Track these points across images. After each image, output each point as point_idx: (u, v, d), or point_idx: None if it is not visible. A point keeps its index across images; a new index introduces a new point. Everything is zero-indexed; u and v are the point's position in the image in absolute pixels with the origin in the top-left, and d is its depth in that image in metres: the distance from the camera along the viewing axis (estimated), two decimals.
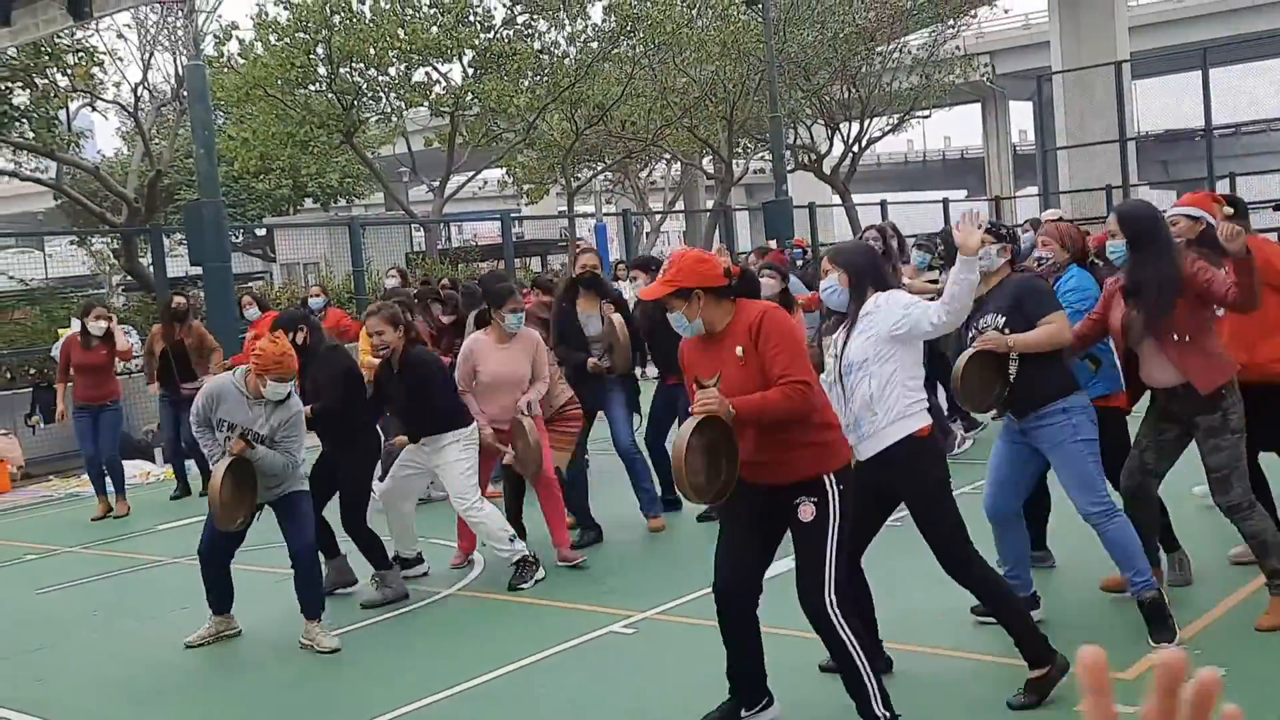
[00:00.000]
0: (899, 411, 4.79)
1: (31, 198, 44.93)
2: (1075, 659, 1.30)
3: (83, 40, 20.31)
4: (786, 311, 5.05)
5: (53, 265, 28.22)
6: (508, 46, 26.30)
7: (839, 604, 4.44)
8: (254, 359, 6.29)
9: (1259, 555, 5.49)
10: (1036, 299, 5.33)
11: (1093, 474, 5.33)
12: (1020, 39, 56.12)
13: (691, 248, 5.19)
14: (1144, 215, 5.50)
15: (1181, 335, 5.29)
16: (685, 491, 4.43)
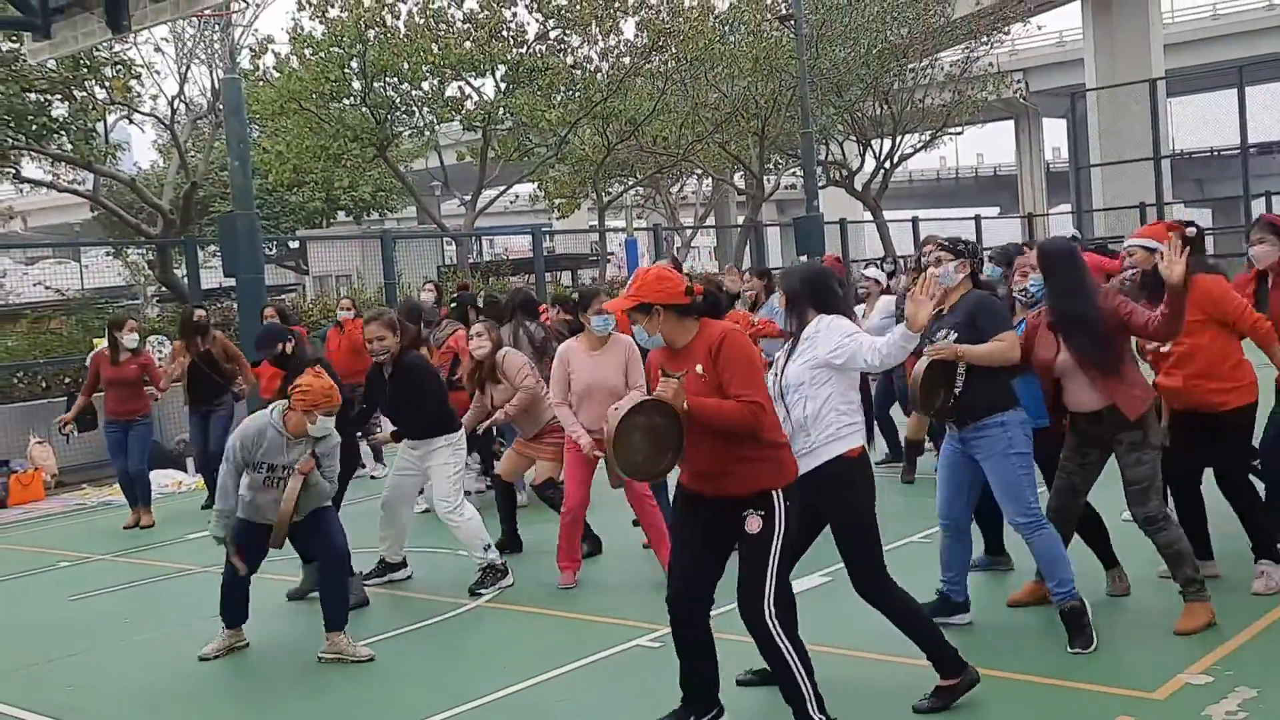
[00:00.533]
0: (831, 434, 5.06)
1: (69, 209, 45.40)
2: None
3: (121, 53, 20.53)
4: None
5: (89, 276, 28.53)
6: (540, 61, 26.40)
7: (777, 614, 4.60)
8: (300, 396, 6.29)
9: (1173, 565, 5.82)
10: (989, 317, 5.63)
11: (1023, 486, 5.61)
12: (1054, 56, 55.95)
13: (654, 265, 5.34)
14: (1060, 252, 5.84)
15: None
16: (613, 463, 4.57)
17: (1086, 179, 33.57)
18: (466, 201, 28.50)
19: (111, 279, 32.22)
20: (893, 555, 5.32)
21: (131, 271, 33.63)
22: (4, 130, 18.72)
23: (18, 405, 14.45)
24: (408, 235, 28.48)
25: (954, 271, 5.71)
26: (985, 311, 5.65)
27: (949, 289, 5.72)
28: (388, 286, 18.28)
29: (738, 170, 34.45)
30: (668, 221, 38.56)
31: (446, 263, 27.83)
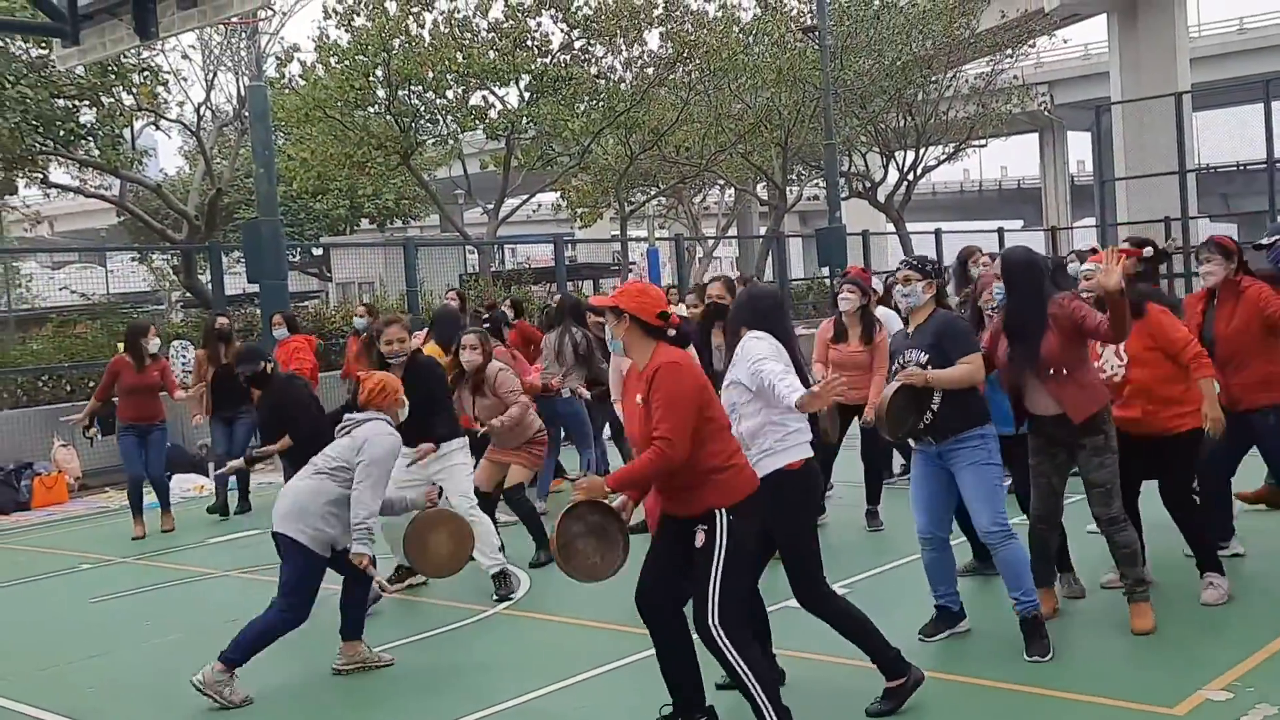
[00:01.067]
0: (768, 448, 5.20)
1: (95, 214, 45.77)
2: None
3: (148, 60, 20.67)
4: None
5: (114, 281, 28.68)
6: (564, 71, 26.46)
7: (724, 628, 4.71)
8: (383, 393, 6.43)
9: (1125, 565, 6.05)
10: (955, 340, 5.75)
11: (998, 496, 5.77)
12: (1079, 69, 55.76)
13: (639, 280, 5.55)
14: (1020, 261, 5.97)
15: (1058, 369, 5.82)
16: (576, 575, 4.91)
17: (1111, 193, 33.39)
18: (489, 210, 28.58)
19: (136, 284, 32.42)
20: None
21: (156, 277, 33.83)
22: (32, 136, 18.86)
23: (43, 408, 14.55)
24: (430, 243, 28.56)
25: (921, 292, 5.83)
26: (951, 333, 5.77)
27: (915, 309, 5.89)
28: (410, 294, 18.36)
29: (760, 181, 34.47)
30: (690, 232, 38.58)
31: (468, 271, 27.89)
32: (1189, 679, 5.25)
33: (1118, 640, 6.04)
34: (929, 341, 5.76)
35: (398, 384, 6.54)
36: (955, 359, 5.69)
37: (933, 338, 5.76)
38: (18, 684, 6.61)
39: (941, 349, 5.71)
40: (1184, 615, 6.32)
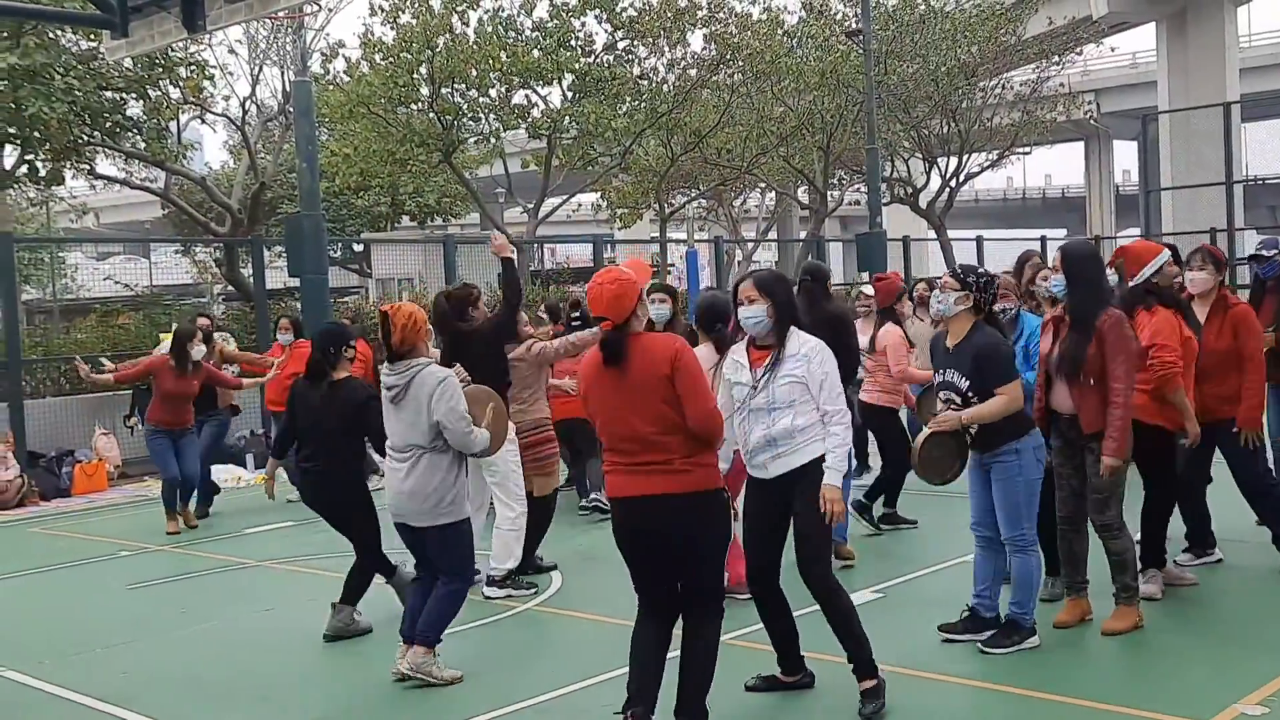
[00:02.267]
0: (815, 436, 5.20)
1: (140, 207, 46.19)
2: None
3: (195, 54, 20.86)
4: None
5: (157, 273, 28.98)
6: (607, 71, 26.49)
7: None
8: (414, 325, 5.97)
9: (1117, 570, 6.18)
10: (994, 367, 5.77)
11: (1023, 511, 5.88)
12: (1127, 78, 55.25)
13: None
14: (1080, 253, 6.17)
15: (1086, 376, 5.95)
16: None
17: (1156, 203, 33.08)
18: (529, 209, 28.66)
19: (179, 276, 32.74)
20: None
21: (199, 269, 34.15)
22: (80, 127, 19.07)
23: (84, 397, 14.71)
24: (470, 241, 28.58)
25: (953, 302, 5.86)
26: (989, 360, 5.77)
27: (947, 318, 5.95)
28: None
29: (801, 184, 34.35)
30: (729, 234, 38.50)
31: None
32: (1224, 691, 5.19)
33: (1153, 651, 5.99)
34: (969, 366, 5.80)
35: (423, 314, 6.09)
36: (993, 387, 5.75)
37: (972, 364, 5.79)
38: (53, 668, 6.68)
39: (981, 376, 5.78)
40: (1220, 627, 6.27)
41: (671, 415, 4.70)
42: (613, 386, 4.77)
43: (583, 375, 4.96)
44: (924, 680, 5.59)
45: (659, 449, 4.71)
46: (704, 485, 4.77)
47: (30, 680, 6.48)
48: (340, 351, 6.85)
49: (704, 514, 4.78)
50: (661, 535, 4.79)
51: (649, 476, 4.73)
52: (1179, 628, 6.31)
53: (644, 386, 4.71)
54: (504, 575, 7.60)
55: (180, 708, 5.97)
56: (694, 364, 4.75)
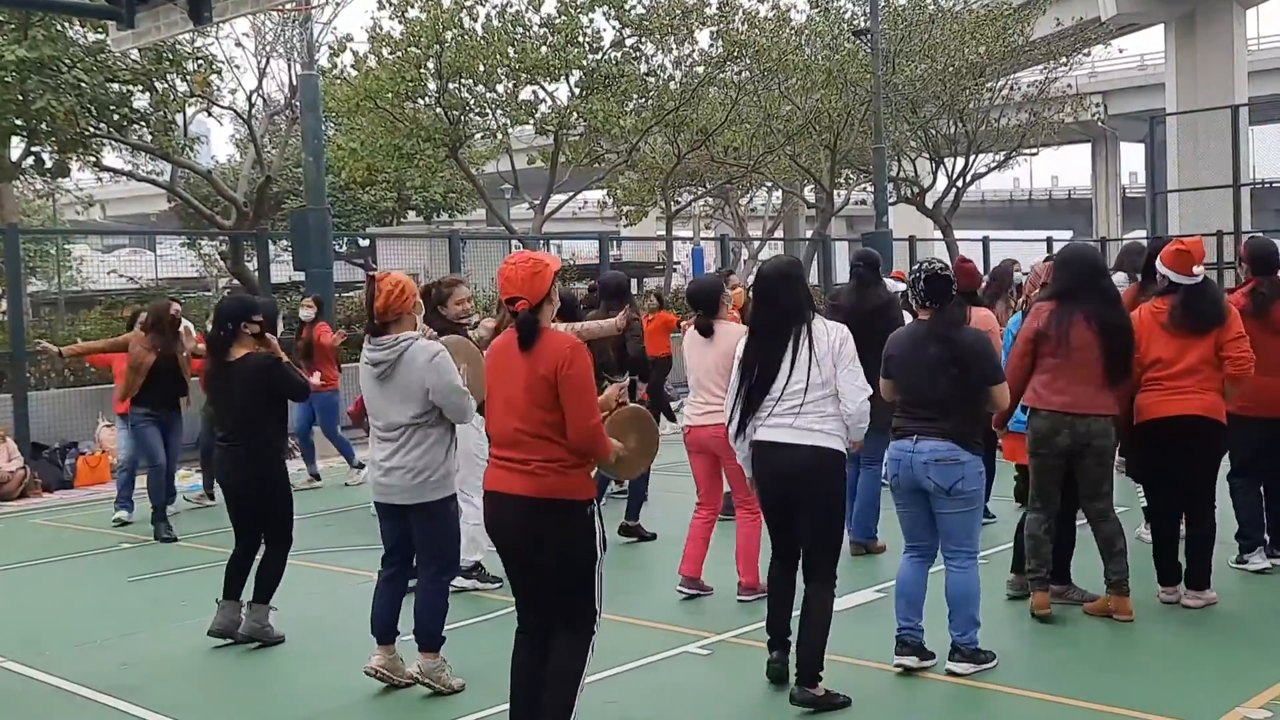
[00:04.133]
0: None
1: (146, 199, 46.26)
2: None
3: (202, 48, 20.86)
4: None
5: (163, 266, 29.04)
6: (615, 68, 26.47)
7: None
8: (402, 294, 5.69)
9: (1107, 557, 6.34)
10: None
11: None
12: (1135, 79, 55.21)
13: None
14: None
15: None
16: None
17: (1163, 205, 32.99)
18: (535, 205, 28.65)
19: (185, 270, 32.79)
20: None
21: (205, 263, 34.17)
22: (87, 119, 19.07)
23: (88, 389, 14.70)
24: (475, 236, 28.64)
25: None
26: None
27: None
28: None
29: (808, 183, 34.33)
30: (735, 233, 38.49)
31: None
32: (1226, 695, 5.17)
33: (1156, 654, 5.98)
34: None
35: (413, 286, 5.87)
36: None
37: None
38: (54, 660, 6.67)
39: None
40: (1224, 630, 6.24)
41: (540, 415, 4.48)
42: (506, 368, 4.60)
43: (490, 355, 4.78)
44: (925, 680, 5.57)
45: (523, 448, 4.53)
46: (559, 494, 4.50)
47: (31, 671, 6.48)
48: (239, 327, 6.71)
49: (557, 524, 4.52)
50: (517, 538, 4.60)
51: (509, 474, 4.56)
52: (1184, 629, 6.29)
53: (524, 381, 4.52)
54: (471, 566, 7.47)
55: (180, 700, 5.96)
56: (582, 374, 4.48)
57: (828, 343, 5.33)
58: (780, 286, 5.49)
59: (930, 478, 5.52)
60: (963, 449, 5.50)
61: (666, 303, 14.64)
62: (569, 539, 4.53)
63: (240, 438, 6.69)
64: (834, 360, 5.30)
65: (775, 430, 5.33)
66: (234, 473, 6.82)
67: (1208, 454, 6.55)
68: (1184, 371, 6.43)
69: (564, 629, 4.60)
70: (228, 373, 6.73)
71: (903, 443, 5.64)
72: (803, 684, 5.23)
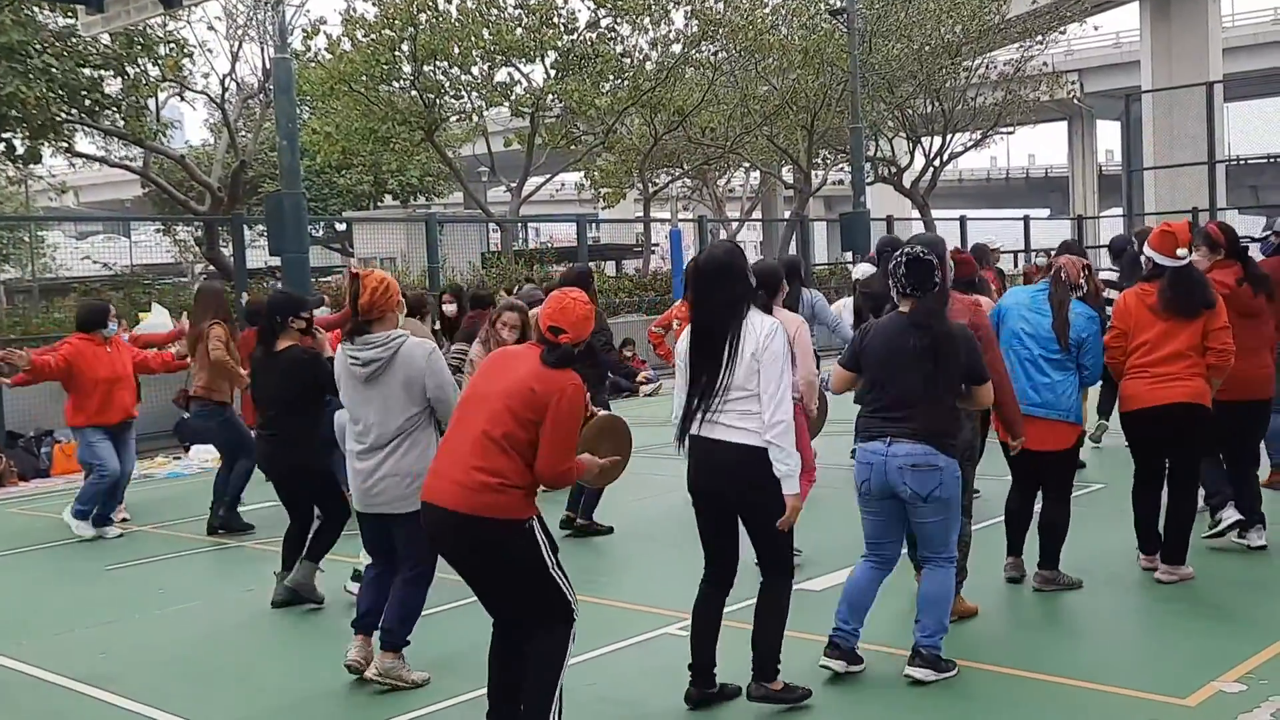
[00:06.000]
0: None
1: (120, 185, 45.93)
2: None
3: (174, 31, 20.70)
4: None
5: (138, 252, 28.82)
6: (590, 49, 26.40)
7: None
8: (386, 292, 5.55)
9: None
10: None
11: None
12: (1110, 57, 55.33)
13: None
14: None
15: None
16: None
17: (1139, 182, 33.18)
18: (512, 188, 28.59)
19: (160, 256, 32.59)
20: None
21: (180, 249, 33.97)
22: (58, 105, 18.91)
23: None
24: (453, 220, 28.59)
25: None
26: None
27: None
28: (431, 270, 18.36)
29: (785, 164, 34.34)
30: (713, 214, 38.48)
31: (491, 249, 27.92)
32: (1202, 670, 5.20)
33: (1131, 631, 6.02)
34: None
35: (397, 284, 5.72)
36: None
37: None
38: (33, 649, 6.65)
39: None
40: (1199, 605, 6.29)
41: (511, 429, 4.41)
42: (502, 366, 4.57)
43: (498, 354, 4.76)
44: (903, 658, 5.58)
45: (476, 454, 4.43)
46: (495, 513, 4.41)
47: (9, 662, 6.45)
48: (286, 321, 7.03)
49: (495, 542, 4.45)
50: (454, 553, 4.58)
51: (446, 485, 4.48)
52: (1159, 605, 6.33)
53: (515, 386, 4.44)
54: None
55: (161, 688, 5.93)
56: (574, 414, 4.42)
57: (755, 340, 4.89)
58: (715, 280, 5.00)
59: (907, 484, 5.17)
60: (939, 452, 5.15)
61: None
62: (510, 556, 4.47)
63: (279, 426, 6.97)
64: (760, 360, 4.86)
65: (709, 426, 4.99)
66: (274, 460, 7.13)
67: (1194, 440, 6.54)
68: (1171, 356, 6.39)
69: (540, 627, 4.55)
70: (272, 363, 7.01)
71: (874, 445, 5.25)
72: (759, 679, 5.11)
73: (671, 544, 8.14)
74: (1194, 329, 6.39)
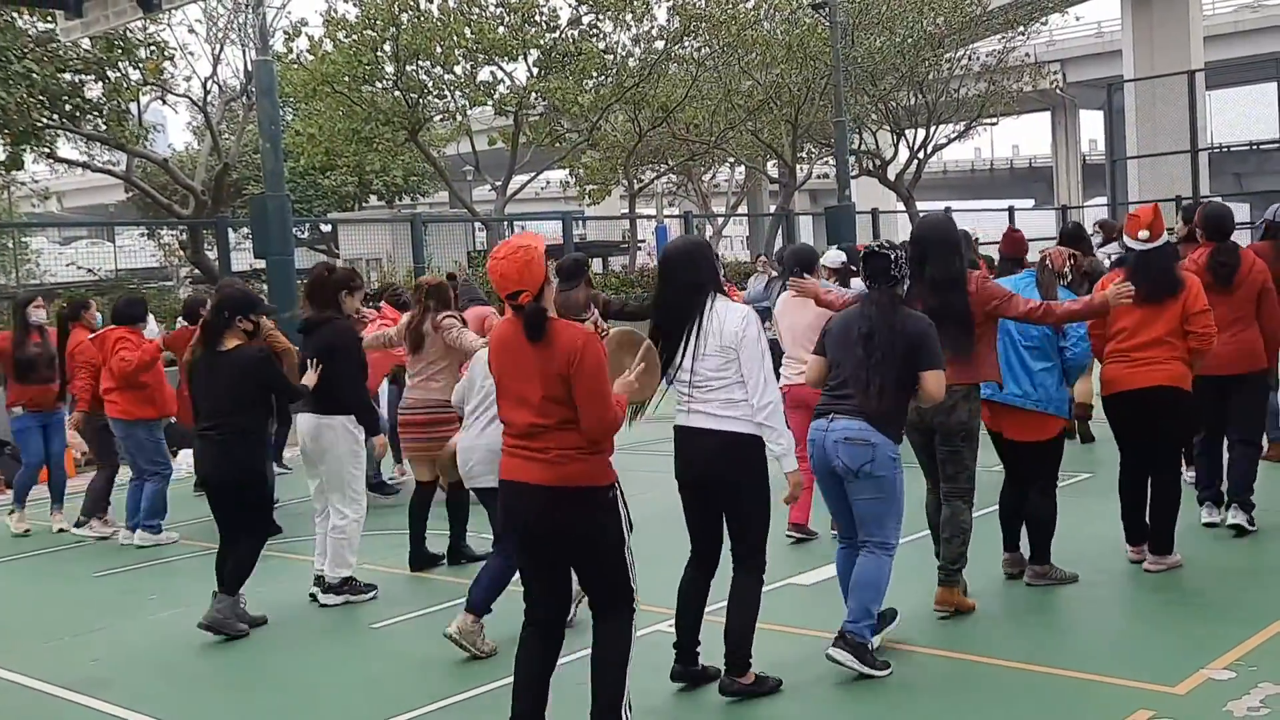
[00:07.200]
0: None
1: (104, 190, 45.74)
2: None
3: (154, 34, 20.63)
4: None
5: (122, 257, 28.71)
6: (572, 46, 26.37)
7: None
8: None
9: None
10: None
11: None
12: (1092, 47, 55.43)
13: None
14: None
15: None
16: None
17: (1123, 171, 33.25)
18: (497, 187, 28.54)
19: (145, 260, 32.45)
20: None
21: (165, 253, 33.84)
22: (39, 110, 18.83)
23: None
24: (438, 219, 28.53)
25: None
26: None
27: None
28: (417, 270, 18.33)
29: (770, 158, 34.33)
30: (699, 209, 38.46)
31: (477, 248, 27.87)
32: (1191, 658, 5.23)
33: (1121, 620, 6.05)
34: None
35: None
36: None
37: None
38: (22, 657, 6.63)
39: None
40: (1188, 592, 6.32)
41: (556, 409, 4.42)
42: (514, 360, 4.52)
43: (494, 346, 4.70)
44: (894, 651, 5.60)
45: (536, 437, 4.46)
46: (580, 481, 4.46)
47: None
48: (234, 319, 6.71)
49: (580, 511, 4.48)
50: (536, 526, 4.54)
51: (526, 463, 4.48)
52: (1147, 593, 6.35)
53: (537, 374, 4.44)
54: (340, 582, 7.21)
55: (151, 694, 5.92)
56: (596, 367, 4.40)
57: (726, 328, 5.02)
58: (680, 268, 5.18)
59: (840, 458, 5.29)
60: (876, 430, 5.25)
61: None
62: (594, 524, 4.50)
63: (226, 427, 6.65)
64: (736, 348, 5.00)
65: (693, 416, 5.11)
66: (217, 463, 6.77)
67: (1175, 423, 6.58)
68: (1149, 342, 6.43)
69: (604, 614, 4.60)
70: (220, 362, 6.70)
71: (819, 421, 5.43)
72: (731, 673, 5.16)
73: (659, 540, 8.14)
74: (1172, 313, 6.43)
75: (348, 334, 7.37)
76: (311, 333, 7.28)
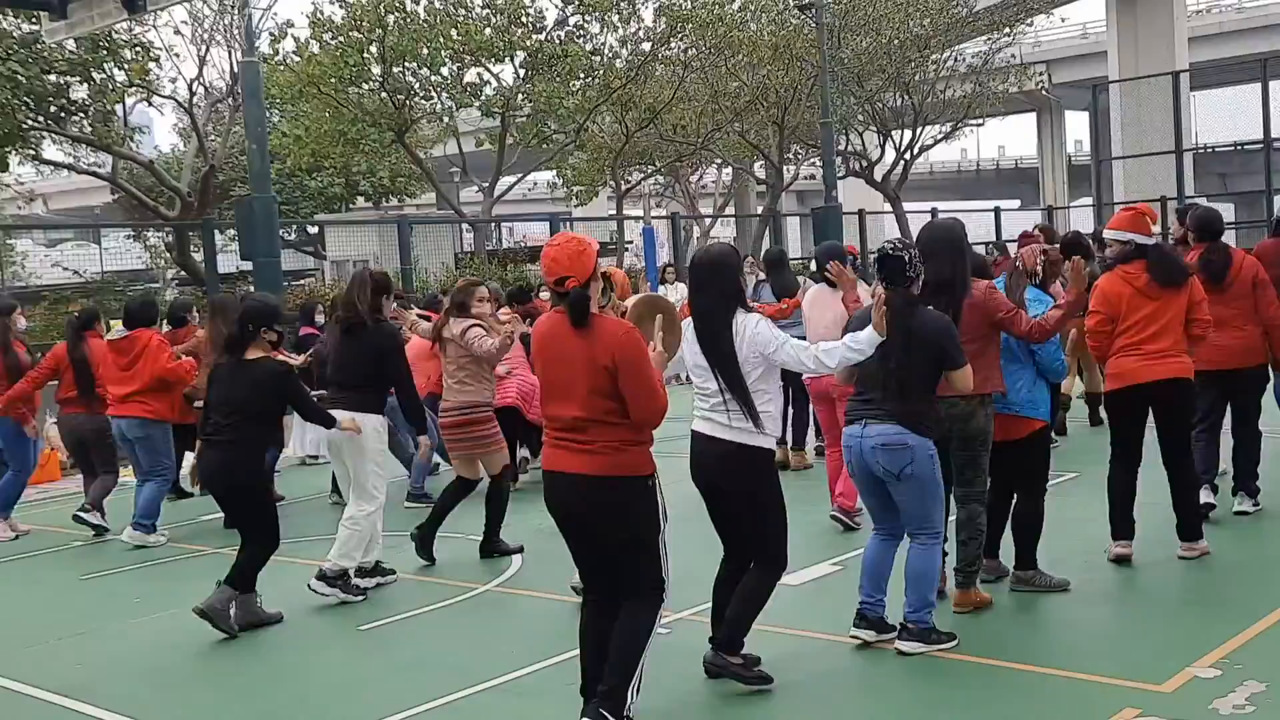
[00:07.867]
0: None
1: (89, 192, 45.60)
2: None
3: (139, 36, 20.57)
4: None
5: (108, 259, 28.65)
6: (559, 48, 26.37)
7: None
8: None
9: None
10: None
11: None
12: (1078, 48, 55.56)
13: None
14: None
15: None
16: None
17: (1108, 172, 33.32)
18: (484, 188, 28.52)
19: (131, 262, 32.37)
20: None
21: (151, 255, 33.76)
22: (24, 112, 18.77)
23: None
24: (425, 221, 28.51)
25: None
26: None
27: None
28: (404, 271, 18.31)
29: (757, 160, 34.36)
30: (686, 210, 38.47)
31: (464, 249, 27.86)
32: (1178, 656, 5.24)
33: (1108, 618, 6.05)
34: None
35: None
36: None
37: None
38: (6, 661, 6.59)
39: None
40: (1174, 593, 6.33)
41: (601, 403, 4.54)
42: (558, 354, 4.64)
43: (537, 340, 4.79)
44: (882, 651, 5.61)
45: (581, 429, 4.59)
46: (622, 471, 4.60)
47: None
48: (259, 330, 6.82)
49: (620, 500, 4.62)
50: (580, 515, 4.69)
51: (570, 454, 4.63)
52: (1133, 591, 6.37)
53: (581, 368, 4.56)
54: (337, 574, 7.18)
55: (137, 698, 5.90)
56: (638, 358, 4.54)
57: (746, 340, 5.08)
58: (706, 278, 5.23)
59: (879, 463, 5.42)
60: (911, 432, 5.35)
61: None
62: (632, 514, 4.64)
63: (237, 433, 6.75)
64: (761, 354, 5.08)
65: (708, 424, 5.18)
66: (222, 469, 6.87)
67: (1185, 412, 6.77)
68: (1159, 334, 6.55)
69: (633, 596, 4.71)
70: (243, 371, 6.80)
71: (853, 428, 5.55)
72: (720, 649, 5.23)
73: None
74: (1179, 304, 6.56)
75: (397, 337, 7.57)
76: (356, 334, 7.31)
